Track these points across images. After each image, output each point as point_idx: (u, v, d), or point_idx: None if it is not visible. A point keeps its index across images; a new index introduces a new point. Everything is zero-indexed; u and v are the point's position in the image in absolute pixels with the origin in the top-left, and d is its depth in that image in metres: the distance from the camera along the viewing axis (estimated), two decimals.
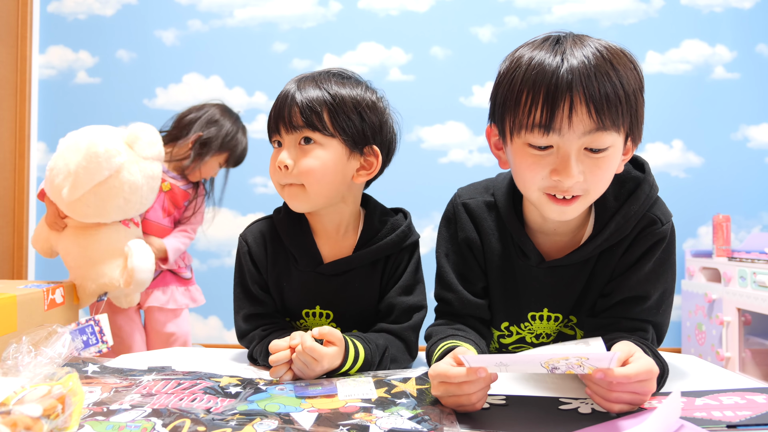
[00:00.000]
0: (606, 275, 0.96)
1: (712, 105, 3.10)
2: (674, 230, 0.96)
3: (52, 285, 1.77)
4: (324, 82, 1.02)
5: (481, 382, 0.74)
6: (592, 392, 0.75)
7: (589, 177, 0.84)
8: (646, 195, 0.93)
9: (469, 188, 1.07)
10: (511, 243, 1.00)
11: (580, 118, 0.80)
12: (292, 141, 1.01)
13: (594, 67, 0.80)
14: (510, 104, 0.84)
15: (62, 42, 3.18)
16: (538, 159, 0.84)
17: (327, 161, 1.00)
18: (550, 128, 0.81)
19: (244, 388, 0.86)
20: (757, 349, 2.60)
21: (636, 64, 0.85)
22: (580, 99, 0.79)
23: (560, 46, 0.83)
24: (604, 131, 0.81)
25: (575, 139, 0.81)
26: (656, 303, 0.94)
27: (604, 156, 0.83)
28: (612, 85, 0.80)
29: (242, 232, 1.12)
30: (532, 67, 0.82)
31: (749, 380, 0.93)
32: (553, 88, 0.80)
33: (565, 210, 0.87)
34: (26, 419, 0.57)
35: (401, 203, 1.21)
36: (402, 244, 1.09)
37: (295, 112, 0.99)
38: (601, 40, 0.85)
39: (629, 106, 0.82)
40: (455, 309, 1.02)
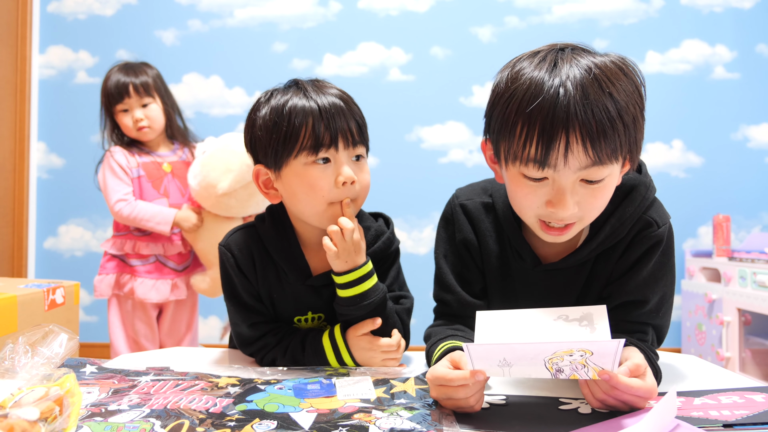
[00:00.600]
0: (603, 279, 0.96)
1: (712, 105, 3.10)
2: (672, 232, 0.95)
3: (53, 285, 1.77)
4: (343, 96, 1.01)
5: (477, 385, 0.74)
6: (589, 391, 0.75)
7: (584, 206, 0.84)
8: (642, 197, 0.92)
9: (467, 189, 1.07)
10: (508, 245, 1.00)
11: (576, 156, 0.78)
12: (347, 156, 0.99)
13: (592, 101, 0.76)
14: (505, 133, 0.82)
15: (62, 42, 3.18)
16: (534, 189, 0.84)
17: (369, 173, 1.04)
18: (545, 164, 0.79)
19: (242, 388, 0.86)
20: (757, 349, 2.60)
21: (635, 78, 0.82)
22: (576, 137, 0.77)
23: (557, 69, 0.79)
24: (601, 165, 0.79)
25: (571, 174, 0.80)
26: (656, 307, 0.94)
27: (600, 186, 0.82)
28: (609, 119, 0.76)
29: (223, 242, 1.06)
30: (528, 97, 0.78)
31: (749, 380, 0.93)
32: (548, 125, 0.77)
33: (560, 237, 0.87)
34: (23, 423, 0.57)
35: (401, 203, 1.21)
36: (386, 252, 1.09)
37: (352, 127, 0.98)
38: (597, 57, 0.81)
39: (627, 135, 0.79)
40: (454, 310, 1.02)
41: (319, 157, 0.96)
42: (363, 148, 1.02)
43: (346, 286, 0.99)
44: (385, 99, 3.12)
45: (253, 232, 1.07)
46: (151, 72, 2.07)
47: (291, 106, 0.97)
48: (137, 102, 2.00)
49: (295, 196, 1.00)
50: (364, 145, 1.02)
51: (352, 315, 1.01)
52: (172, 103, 2.11)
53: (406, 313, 1.08)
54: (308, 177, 0.97)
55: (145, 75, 2.04)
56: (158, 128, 2.05)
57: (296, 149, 0.96)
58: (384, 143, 3.07)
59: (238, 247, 1.05)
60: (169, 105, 2.08)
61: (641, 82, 0.83)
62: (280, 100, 0.99)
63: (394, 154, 3.09)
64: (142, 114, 2.00)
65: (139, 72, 2.03)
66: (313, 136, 0.96)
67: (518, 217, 0.98)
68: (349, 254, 0.98)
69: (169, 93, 2.11)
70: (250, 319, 1.05)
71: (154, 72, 2.08)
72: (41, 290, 1.69)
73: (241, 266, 1.04)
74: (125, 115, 2.02)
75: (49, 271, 3.12)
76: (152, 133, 2.04)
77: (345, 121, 0.98)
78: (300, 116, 0.96)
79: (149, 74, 2.05)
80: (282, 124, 0.96)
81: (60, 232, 3.15)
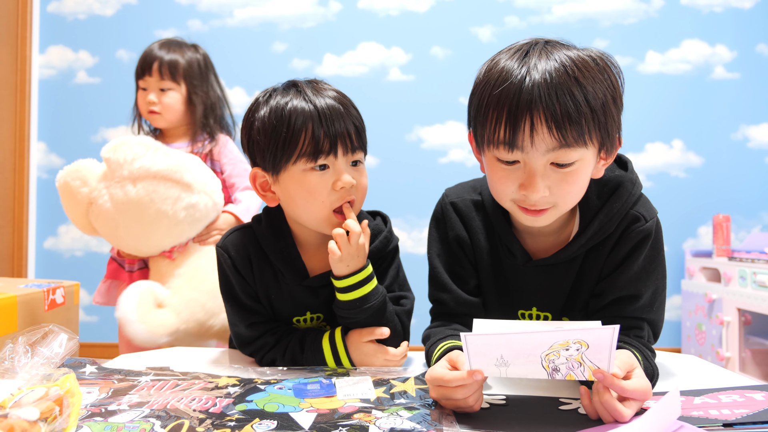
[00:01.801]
0: (594, 274, 0.97)
1: (712, 105, 3.10)
2: (660, 226, 0.96)
3: (53, 285, 1.77)
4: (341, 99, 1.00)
5: (475, 385, 0.74)
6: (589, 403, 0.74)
7: (556, 191, 0.86)
8: (628, 193, 0.94)
9: (456, 188, 1.08)
10: (499, 242, 1.01)
11: (542, 137, 0.81)
12: (345, 162, 0.99)
13: (556, 85, 0.80)
14: (480, 119, 0.87)
15: (62, 42, 3.18)
16: (508, 173, 0.87)
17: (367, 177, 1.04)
18: (513, 145, 0.83)
19: (242, 388, 0.86)
20: (757, 349, 2.60)
21: (610, 72, 0.85)
22: (541, 119, 0.80)
23: (527, 58, 0.83)
24: (569, 148, 0.82)
25: (539, 156, 0.83)
26: (649, 301, 0.95)
27: (571, 170, 0.84)
28: (574, 103, 0.80)
29: (220, 243, 1.06)
30: (498, 83, 0.83)
31: (749, 380, 0.93)
32: (514, 107, 0.81)
33: (537, 219, 0.89)
34: (23, 423, 0.57)
35: (401, 203, 1.22)
36: (384, 251, 1.08)
37: (351, 132, 0.98)
38: (572, 50, 0.85)
39: (596, 120, 0.82)
40: (450, 309, 1.02)
41: (317, 164, 0.97)
42: (361, 153, 1.01)
43: (346, 290, 0.99)
44: (385, 99, 3.12)
45: (249, 233, 1.07)
46: (189, 54, 1.86)
47: (290, 110, 0.96)
48: (156, 84, 1.82)
49: (293, 200, 1.00)
50: (363, 149, 1.02)
51: (352, 319, 1.01)
52: (206, 93, 1.88)
53: (406, 314, 1.08)
54: (307, 183, 0.97)
55: (180, 56, 1.84)
56: (171, 118, 1.85)
57: (295, 155, 0.96)
58: (384, 143, 3.07)
59: (235, 248, 1.05)
60: (201, 95, 1.86)
61: (617, 76, 0.86)
62: (279, 103, 0.98)
63: (394, 154, 3.09)
64: (155, 98, 1.82)
65: (175, 50, 1.84)
66: (312, 142, 0.95)
67: (507, 213, 0.99)
68: (352, 258, 0.98)
69: (206, 81, 1.89)
70: (248, 320, 1.05)
71: (193, 56, 1.87)
72: (41, 290, 1.69)
73: (238, 267, 1.04)
74: (142, 94, 1.86)
75: (49, 271, 3.12)
76: (163, 121, 1.85)
77: (344, 126, 0.97)
78: (299, 121, 0.95)
79: (185, 56, 1.85)
80: (281, 129, 0.96)
81: (60, 232, 3.15)
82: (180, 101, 1.84)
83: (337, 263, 0.98)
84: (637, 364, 0.77)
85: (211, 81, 1.91)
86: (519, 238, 0.99)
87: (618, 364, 0.74)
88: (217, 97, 1.93)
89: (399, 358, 1.01)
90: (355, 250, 0.97)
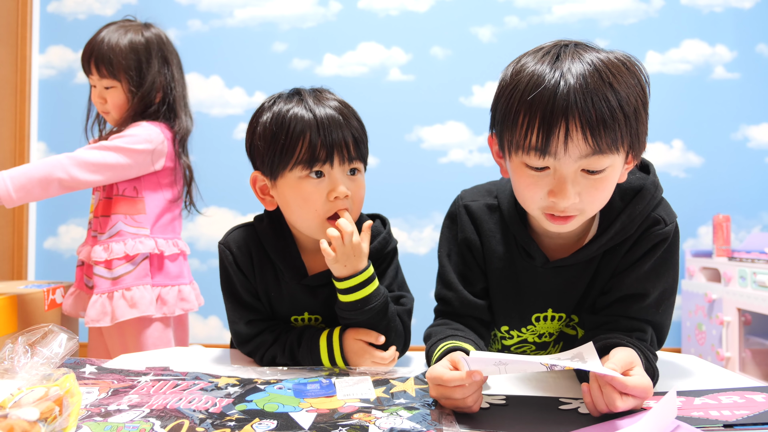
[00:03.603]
0: (608, 274, 0.97)
1: (712, 105, 3.10)
2: (678, 232, 0.96)
3: (53, 285, 1.77)
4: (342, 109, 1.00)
5: (474, 385, 0.74)
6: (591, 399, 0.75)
7: (585, 197, 0.84)
8: (651, 195, 0.94)
9: (471, 191, 1.08)
10: (514, 245, 1.00)
11: (576, 144, 0.79)
12: (342, 171, 0.99)
13: (592, 90, 0.78)
14: (508, 123, 0.84)
15: (62, 42, 3.18)
16: (536, 179, 0.85)
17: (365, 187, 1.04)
18: (546, 152, 0.81)
19: (242, 387, 0.86)
20: (757, 349, 2.60)
21: (639, 74, 0.83)
22: (576, 125, 0.78)
23: (560, 62, 0.81)
24: (601, 155, 0.80)
25: (571, 162, 0.81)
26: (655, 302, 0.94)
27: (601, 177, 0.83)
28: (609, 109, 0.78)
29: (222, 240, 1.09)
30: (530, 87, 0.81)
31: (750, 380, 0.93)
32: (548, 113, 0.79)
33: (564, 226, 0.88)
34: (23, 423, 0.57)
35: (401, 203, 1.22)
36: (383, 252, 1.09)
37: (348, 142, 0.98)
38: (601, 53, 0.83)
39: (629, 126, 0.80)
40: (455, 308, 1.02)
41: (313, 171, 0.97)
42: (359, 163, 1.01)
43: (348, 292, 0.99)
44: (385, 99, 3.12)
45: (251, 231, 1.08)
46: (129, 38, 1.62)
47: (290, 117, 0.97)
48: (99, 82, 1.62)
49: (289, 206, 1.01)
50: (361, 159, 1.02)
51: (354, 320, 1.01)
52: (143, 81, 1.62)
53: (407, 314, 1.08)
54: (302, 190, 0.98)
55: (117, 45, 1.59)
56: (119, 117, 1.64)
57: (292, 162, 0.97)
58: (384, 143, 3.07)
59: (237, 245, 1.07)
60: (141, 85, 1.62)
61: (645, 79, 0.84)
62: (281, 110, 0.99)
63: (394, 154, 3.09)
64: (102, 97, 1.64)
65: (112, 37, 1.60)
66: (309, 150, 0.96)
67: (524, 216, 0.99)
68: (349, 258, 0.98)
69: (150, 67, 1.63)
70: (248, 317, 1.06)
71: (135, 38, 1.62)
72: (41, 290, 1.69)
73: (240, 264, 1.06)
74: (93, 91, 1.67)
75: (49, 271, 3.12)
76: (112, 120, 1.67)
77: (341, 135, 0.97)
78: (298, 129, 0.96)
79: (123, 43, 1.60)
80: (280, 136, 0.97)
81: (60, 232, 3.15)
82: (123, 98, 1.62)
83: (333, 264, 0.98)
84: (637, 362, 0.77)
85: (154, 67, 1.64)
86: (536, 240, 0.98)
87: (617, 361, 0.75)
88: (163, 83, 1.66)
89: (387, 361, 1.01)
90: (350, 250, 0.97)
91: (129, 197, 1.60)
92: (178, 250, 1.65)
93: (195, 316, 3.10)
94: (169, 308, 1.60)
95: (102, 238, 1.59)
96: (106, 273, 1.54)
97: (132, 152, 1.56)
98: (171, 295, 1.61)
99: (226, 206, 3.12)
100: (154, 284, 1.58)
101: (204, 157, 3.18)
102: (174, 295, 1.61)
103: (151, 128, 1.60)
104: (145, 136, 1.58)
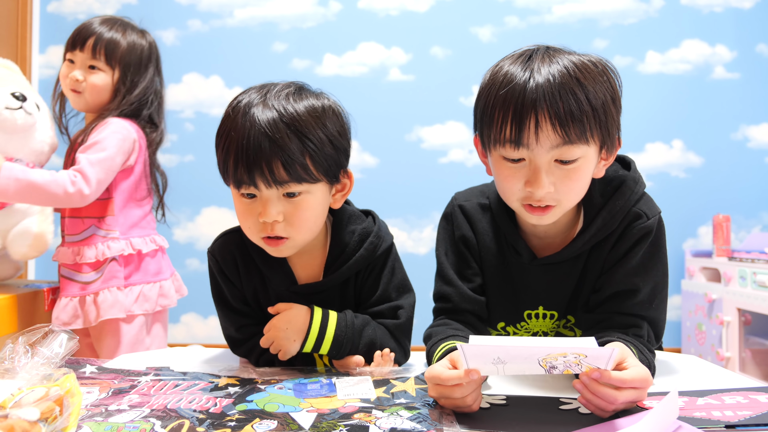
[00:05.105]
0: (597, 271, 0.99)
1: (712, 105, 3.10)
2: (662, 225, 0.98)
3: (53, 285, 1.77)
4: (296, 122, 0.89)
5: (473, 384, 0.74)
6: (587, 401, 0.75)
7: (560, 187, 0.88)
8: (631, 191, 0.97)
9: (465, 192, 1.11)
10: (505, 243, 1.03)
11: (546, 134, 0.85)
12: (274, 194, 0.91)
13: (559, 84, 0.84)
14: (486, 120, 0.90)
15: (62, 42, 3.15)
16: (514, 171, 0.90)
17: (316, 207, 0.94)
18: (519, 143, 0.86)
19: (242, 388, 0.86)
20: (757, 349, 2.60)
21: (609, 75, 0.89)
22: (545, 117, 0.84)
23: (531, 62, 0.87)
24: (572, 144, 0.85)
25: (544, 152, 0.86)
26: (648, 297, 0.96)
27: (574, 167, 0.88)
28: (577, 102, 0.84)
29: (211, 248, 1.06)
30: (503, 85, 0.87)
31: (749, 380, 0.93)
32: (520, 106, 0.85)
33: (542, 217, 0.92)
34: (24, 423, 0.57)
35: (401, 203, 1.21)
36: (372, 258, 1.03)
37: (277, 166, 0.87)
38: (573, 55, 0.89)
39: (597, 119, 0.86)
40: (454, 304, 1.03)
41: (242, 192, 0.92)
42: (298, 185, 0.90)
43: (317, 348, 0.98)
44: (385, 99, 3.12)
45: (236, 238, 1.04)
46: (133, 38, 1.65)
47: (227, 129, 0.91)
48: (86, 60, 1.60)
49: None
50: (300, 179, 0.89)
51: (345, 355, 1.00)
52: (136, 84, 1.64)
53: (400, 330, 1.04)
54: (238, 206, 0.95)
55: (122, 37, 1.63)
56: (93, 101, 1.62)
57: (227, 178, 0.93)
58: (384, 143, 3.07)
59: (222, 254, 1.04)
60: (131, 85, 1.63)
61: (617, 80, 0.90)
62: (228, 115, 0.92)
63: (394, 154, 3.09)
64: (81, 75, 1.60)
65: (117, 30, 1.64)
66: (235, 170, 0.89)
67: (513, 215, 1.02)
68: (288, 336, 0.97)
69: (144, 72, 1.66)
70: (239, 323, 1.05)
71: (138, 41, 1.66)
72: (41, 290, 1.69)
73: (226, 272, 1.04)
74: (68, 67, 1.63)
75: (50, 271, 3.12)
76: (82, 102, 1.63)
77: (268, 157, 0.87)
78: (227, 146, 0.90)
79: (127, 39, 1.63)
80: (218, 148, 0.93)
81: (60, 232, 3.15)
82: (109, 86, 1.61)
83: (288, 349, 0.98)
84: (628, 354, 0.77)
85: (150, 73, 1.68)
86: (525, 238, 1.01)
87: None
88: (153, 92, 1.68)
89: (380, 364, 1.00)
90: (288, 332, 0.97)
91: (100, 199, 1.58)
92: (156, 246, 1.66)
93: (195, 316, 3.10)
94: (150, 305, 1.61)
95: (72, 240, 1.62)
96: (74, 276, 1.58)
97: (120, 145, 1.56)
98: (153, 292, 1.63)
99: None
100: (131, 283, 1.59)
101: (204, 157, 3.19)
102: (155, 292, 1.64)
103: (121, 122, 1.59)
104: (120, 128, 1.57)
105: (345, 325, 0.99)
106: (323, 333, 0.97)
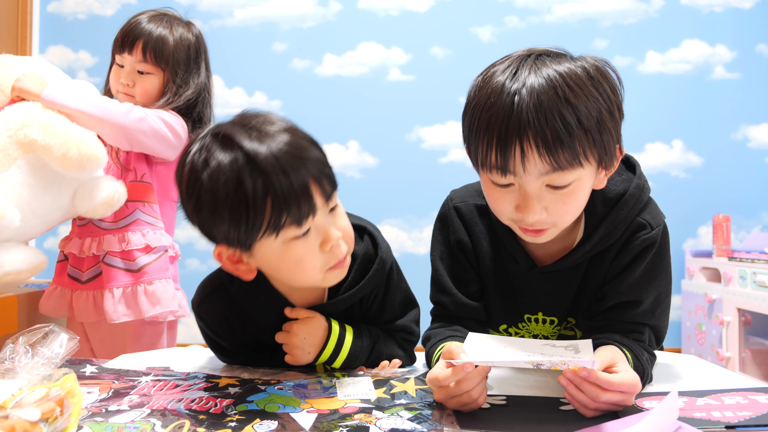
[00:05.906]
0: (598, 279, 0.96)
1: (712, 105, 3.10)
2: (667, 233, 0.95)
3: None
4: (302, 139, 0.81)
5: (477, 376, 0.74)
6: (571, 396, 0.75)
7: (554, 211, 0.84)
8: (635, 200, 0.92)
9: (461, 191, 1.06)
10: (502, 248, 1.00)
11: (533, 163, 0.78)
12: (323, 214, 0.82)
13: (546, 109, 0.76)
14: (471, 140, 0.85)
15: (62, 42, 3.18)
16: (503, 194, 0.85)
17: None
18: (506, 170, 0.81)
19: (242, 388, 0.86)
20: (757, 349, 2.60)
21: (605, 83, 0.81)
22: (530, 145, 0.77)
23: (518, 76, 0.80)
24: (562, 171, 0.79)
25: (533, 180, 0.81)
26: (651, 307, 0.93)
27: (568, 191, 0.82)
28: (566, 126, 0.76)
29: (197, 309, 0.97)
30: (487, 107, 0.80)
31: (750, 380, 0.93)
32: (504, 133, 0.78)
33: (538, 238, 0.87)
34: (24, 424, 0.57)
35: (401, 203, 1.20)
36: (377, 283, 0.97)
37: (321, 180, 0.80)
38: (564, 63, 0.80)
39: (591, 139, 0.78)
40: (451, 312, 1.02)
41: (301, 232, 0.80)
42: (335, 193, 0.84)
43: (329, 362, 0.95)
44: (385, 99, 3.12)
45: (223, 295, 0.96)
46: (180, 33, 1.56)
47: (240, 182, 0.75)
48: (136, 64, 1.52)
49: (278, 271, 0.87)
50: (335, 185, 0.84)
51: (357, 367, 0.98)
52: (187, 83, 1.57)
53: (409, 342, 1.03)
54: (292, 254, 0.81)
55: (169, 34, 1.54)
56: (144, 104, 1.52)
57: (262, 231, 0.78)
58: (384, 143, 3.07)
59: (210, 316, 0.97)
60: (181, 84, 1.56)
61: (614, 84, 0.83)
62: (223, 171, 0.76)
63: (394, 154, 3.09)
64: (131, 79, 1.53)
65: (165, 26, 1.55)
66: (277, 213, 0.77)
67: None
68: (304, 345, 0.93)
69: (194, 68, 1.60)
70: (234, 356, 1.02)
71: (185, 35, 1.58)
72: (41, 290, 1.69)
73: (218, 332, 0.99)
74: (117, 71, 1.55)
75: (49, 271, 3.11)
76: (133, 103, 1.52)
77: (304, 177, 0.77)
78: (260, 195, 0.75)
79: (175, 35, 1.55)
80: (239, 209, 0.76)
81: (60, 232, 3.14)
82: (158, 88, 1.55)
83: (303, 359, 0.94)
84: (620, 358, 0.77)
85: (200, 68, 1.62)
86: (523, 245, 0.97)
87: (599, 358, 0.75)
88: (203, 87, 1.62)
89: None
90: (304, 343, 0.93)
91: (144, 182, 1.50)
92: (175, 253, 1.59)
93: None
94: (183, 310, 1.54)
95: (111, 227, 1.48)
96: (123, 265, 1.46)
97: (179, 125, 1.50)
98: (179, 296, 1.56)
99: None
100: None
101: None
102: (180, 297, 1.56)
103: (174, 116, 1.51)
104: (176, 118, 1.51)
105: (360, 345, 0.96)
106: (338, 350, 0.95)
